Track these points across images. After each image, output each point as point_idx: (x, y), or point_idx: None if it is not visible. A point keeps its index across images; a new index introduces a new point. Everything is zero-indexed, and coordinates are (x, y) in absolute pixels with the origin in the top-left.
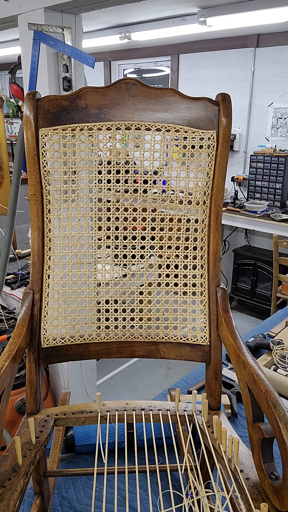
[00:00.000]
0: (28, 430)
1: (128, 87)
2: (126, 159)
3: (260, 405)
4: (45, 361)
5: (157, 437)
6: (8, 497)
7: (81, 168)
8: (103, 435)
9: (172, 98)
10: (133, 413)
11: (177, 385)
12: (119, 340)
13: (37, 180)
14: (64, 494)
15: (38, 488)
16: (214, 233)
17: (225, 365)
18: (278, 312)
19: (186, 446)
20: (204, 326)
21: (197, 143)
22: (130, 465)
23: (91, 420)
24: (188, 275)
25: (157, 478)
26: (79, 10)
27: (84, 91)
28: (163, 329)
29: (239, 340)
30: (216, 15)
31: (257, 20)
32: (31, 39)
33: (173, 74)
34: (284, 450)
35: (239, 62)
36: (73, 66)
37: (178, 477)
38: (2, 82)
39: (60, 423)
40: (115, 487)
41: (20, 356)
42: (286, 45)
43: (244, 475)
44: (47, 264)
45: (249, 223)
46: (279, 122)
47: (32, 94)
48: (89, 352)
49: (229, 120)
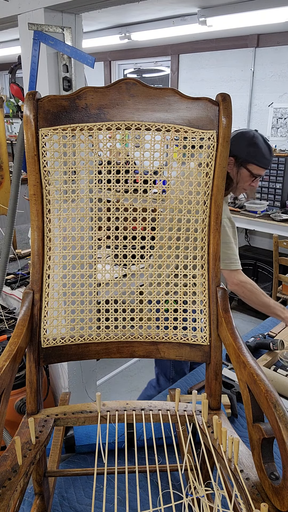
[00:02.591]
0: (28, 430)
1: (128, 87)
2: (126, 159)
3: (260, 405)
4: (45, 361)
5: (157, 437)
6: (8, 497)
7: (81, 168)
8: (103, 435)
9: (172, 98)
10: (133, 413)
11: (177, 385)
12: (119, 340)
13: (37, 180)
14: (64, 494)
15: (38, 488)
16: (214, 233)
17: (225, 365)
18: None
19: (186, 446)
20: (204, 326)
21: (197, 143)
22: (130, 465)
23: (91, 420)
24: (188, 275)
25: (157, 478)
26: (79, 10)
27: (84, 91)
28: (163, 329)
29: (239, 340)
30: (216, 15)
31: (257, 20)
32: (31, 39)
33: (173, 74)
34: (284, 450)
35: (239, 62)
36: (73, 66)
37: (178, 477)
38: (2, 82)
39: (60, 423)
40: (115, 487)
41: (20, 356)
42: (286, 45)
43: (244, 475)
44: (47, 264)
45: (249, 223)
46: (279, 122)
47: (32, 94)
48: (89, 352)
49: (229, 120)
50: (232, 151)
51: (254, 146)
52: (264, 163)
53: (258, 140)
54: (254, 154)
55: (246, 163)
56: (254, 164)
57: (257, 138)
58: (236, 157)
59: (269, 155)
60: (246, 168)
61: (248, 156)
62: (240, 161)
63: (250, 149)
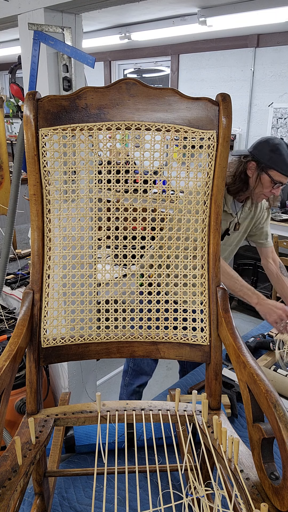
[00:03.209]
0: (28, 430)
1: (128, 87)
2: (126, 159)
3: (260, 405)
4: (45, 361)
5: (157, 437)
6: (8, 497)
7: (81, 168)
8: (103, 435)
9: (172, 98)
10: (133, 413)
11: (177, 385)
12: (119, 340)
13: (37, 180)
14: (64, 494)
15: (38, 488)
16: (214, 233)
17: (225, 365)
18: None
19: (186, 446)
20: (204, 326)
21: (197, 143)
22: (130, 465)
23: (91, 420)
24: (188, 275)
25: (157, 478)
26: (79, 10)
27: (84, 91)
28: (163, 329)
29: (239, 340)
30: (216, 15)
31: (257, 20)
32: (31, 39)
33: (173, 74)
34: (284, 450)
35: (239, 62)
36: (73, 66)
37: (178, 477)
38: (2, 82)
39: (60, 423)
40: (115, 487)
41: (20, 356)
42: (286, 45)
43: (244, 475)
44: (47, 264)
45: None
46: (279, 122)
47: (32, 94)
48: (89, 352)
49: (229, 120)
50: (254, 155)
51: (276, 152)
52: (285, 170)
53: (282, 147)
54: (276, 160)
55: (268, 169)
56: (275, 170)
57: (281, 145)
58: (258, 161)
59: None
60: (267, 174)
61: (270, 162)
62: (262, 166)
63: (273, 154)
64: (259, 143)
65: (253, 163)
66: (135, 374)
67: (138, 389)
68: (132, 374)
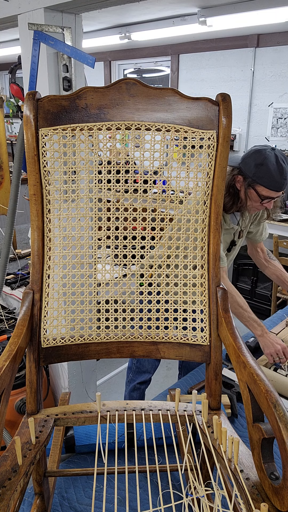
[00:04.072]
0: (28, 430)
1: (128, 87)
2: (126, 159)
3: (260, 405)
4: (45, 361)
5: (157, 437)
6: (8, 497)
7: (81, 168)
8: (103, 435)
9: (172, 98)
10: (133, 413)
11: (177, 385)
12: (119, 340)
13: (37, 180)
14: (64, 494)
15: (38, 488)
16: (214, 233)
17: (225, 365)
18: (278, 312)
19: (186, 446)
20: (204, 326)
21: (197, 143)
22: (130, 465)
23: (91, 420)
24: (188, 275)
25: (157, 478)
26: (79, 10)
27: (84, 91)
28: (163, 329)
29: (239, 340)
30: (216, 15)
31: (257, 20)
32: (31, 39)
33: (173, 74)
34: (284, 450)
35: (239, 62)
36: (73, 66)
37: (178, 477)
38: (2, 82)
39: (60, 423)
40: (115, 487)
41: (20, 356)
42: (286, 45)
43: (244, 475)
44: (47, 264)
45: None
46: (279, 122)
47: (32, 94)
48: (89, 352)
49: (229, 120)
50: (241, 169)
51: (262, 166)
52: (272, 185)
53: (269, 160)
54: (261, 175)
55: (254, 184)
56: (261, 186)
57: (268, 157)
58: (244, 176)
59: (279, 177)
60: (254, 189)
61: (255, 177)
62: (248, 181)
63: (257, 169)
64: (247, 155)
65: (240, 177)
66: (137, 371)
67: (139, 386)
68: (135, 371)
